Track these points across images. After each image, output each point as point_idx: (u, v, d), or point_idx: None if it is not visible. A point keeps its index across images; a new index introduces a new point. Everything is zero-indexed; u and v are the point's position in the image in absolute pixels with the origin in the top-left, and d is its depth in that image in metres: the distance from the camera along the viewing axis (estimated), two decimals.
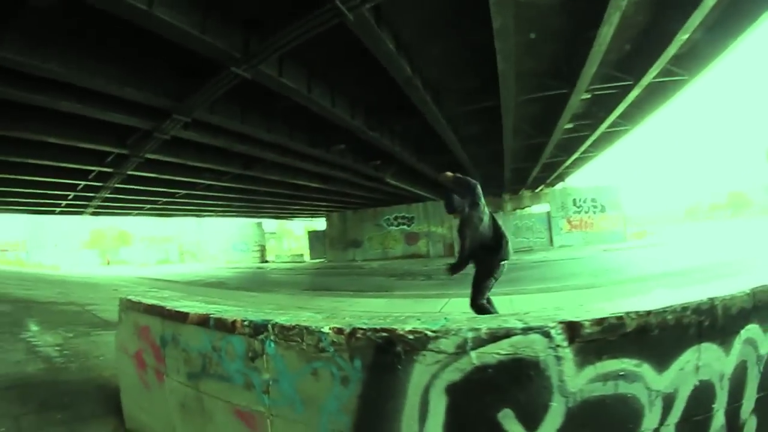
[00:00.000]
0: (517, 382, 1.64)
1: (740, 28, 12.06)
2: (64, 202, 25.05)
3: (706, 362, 1.72)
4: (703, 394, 1.72)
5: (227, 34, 8.53)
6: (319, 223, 48.01)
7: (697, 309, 1.71)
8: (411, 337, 1.78)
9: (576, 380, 1.62)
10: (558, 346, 1.62)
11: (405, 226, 39.52)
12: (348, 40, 8.71)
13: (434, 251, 37.93)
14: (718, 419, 1.74)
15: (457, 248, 21.59)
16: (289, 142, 15.48)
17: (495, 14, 8.47)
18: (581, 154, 26.06)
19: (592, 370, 1.63)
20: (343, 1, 7.15)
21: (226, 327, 2.34)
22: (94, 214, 31.66)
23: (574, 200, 35.68)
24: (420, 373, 1.73)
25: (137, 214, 34.59)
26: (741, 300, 1.72)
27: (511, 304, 9.16)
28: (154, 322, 2.88)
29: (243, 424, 2.23)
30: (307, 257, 49.07)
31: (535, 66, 13.11)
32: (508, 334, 1.66)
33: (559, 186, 37.09)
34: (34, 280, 18.10)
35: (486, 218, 5.61)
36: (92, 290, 14.28)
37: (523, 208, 37.69)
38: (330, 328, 2.02)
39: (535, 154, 23.53)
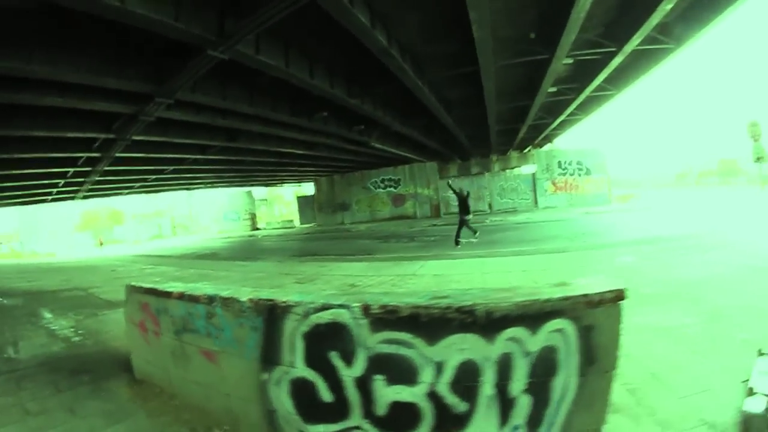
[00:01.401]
0: (337, 335, 2.58)
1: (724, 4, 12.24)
2: (56, 190, 25.49)
3: (469, 347, 2.33)
4: (469, 368, 2.34)
5: (202, 18, 8.59)
6: (309, 188, 47.99)
7: (459, 308, 2.31)
8: (283, 304, 2.83)
9: (370, 340, 2.48)
10: (357, 317, 2.51)
11: (392, 188, 39.77)
12: (323, 13, 8.74)
13: (421, 212, 38.30)
14: (487, 389, 2.34)
15: (443, 209, 29.56)
16: (271, 114, 15.64)
17: None
18: (567, 116, 26.14)
19: (381, 335, 2.46)
20: None
21: (194, 299, 3.50)
22: (86, 197, 32.07)
23: (560, 162, 35.89)
24: (289, 325, 2.78)
25: (128, 193, 34.76)
26: (505, 308, 2.27)
27: (482, 266, 9.69)
28: (151, 299, 4.06)
29: (206, 360, 3.39)
30: (297, 222, 49.28)
31: (514, 32, 13.13)
32: (330, 307, 2.63)
33: (546, 148, 37.23)
34: (34, 270, 18.25)
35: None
36: (92, 273, 14.44)
37: (512, 168, 37.77)
38: (247, 299, 3.06)
39: (520, 117, 23.66)
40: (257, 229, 48.95)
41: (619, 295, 2.37)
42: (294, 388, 2.79)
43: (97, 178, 23.06)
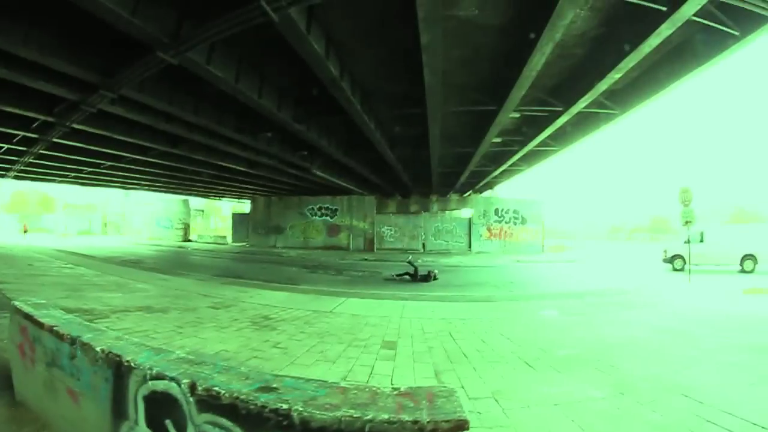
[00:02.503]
0: (171, 405, 2.42)
1: (672, 77, 12.92)
2: None
3: None
4: None
5: (160, 17, 8.36)
6: (247, 205, 47.02)
7: (276, 410, 2.04)
8: (127, 363, 2.71)
9: (197, 418, 2.32)
10: (185, 394, 2.36)
11: (328, 217, 39.49)
12: (279, 35, 8.69)
13: (354, 245, 38.18)
14: None
15: (377, 244, 28.80)
16: (215, 126, 15.38)
17: (423, 30, 8.64)
18: (509, 166, 26.97)
19: (206, 416, 2.29)
20: (268, 2, 7.10)
21: (60, 336, 3.38)
22: (16, 177, 30.64)
23: (497, 209, 36.97)
24: (132, 385, 2.67)
25: (61, 181, 33.19)
26: (322, 420, 1.96)
27: (402, 310, 9.57)
28: (29, 324, 3.89)
29: (71, 398, 3.27)
30: (229, 239, 48.01)
31: (466, 81, 13.47)
32: (163, 377, 2.49)
33: (486, 194, 38.20)
34: None
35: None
36: (7, 265, 13.56)
37: (451, 210, 38.43)
38: (100, 349, 2.94)
39: (463, 162, 24.15)
40: (188, 240, 47.34)
41: (460, 425, 1.93)
42: None
43: (31, 160, 22.24)
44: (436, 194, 36.38)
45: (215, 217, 61.42)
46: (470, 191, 36.63)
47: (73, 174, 28.29)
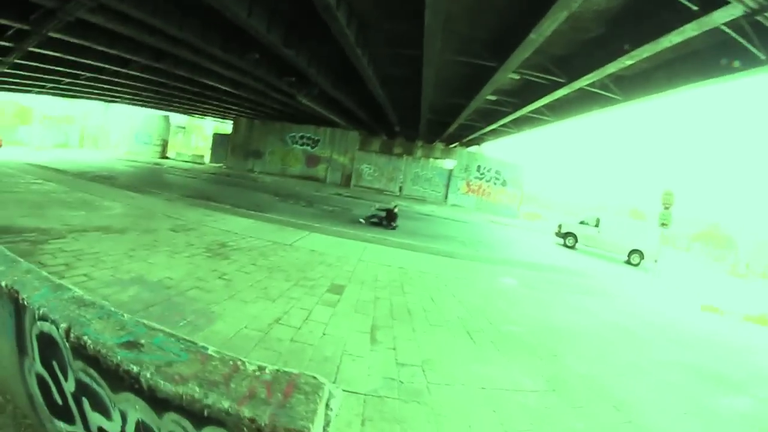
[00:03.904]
0: (54, 347, 2.28)
1: (683, 81, 12.48)
2: None
3: (141, 410, 1.95)
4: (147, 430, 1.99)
5: None
6: (229, 126, 45.44)
7: (128, 371, 1.89)
8: (23, 302, 2.49)
9: (74, 364, 2.20)
10: (62, 338, 2.22)
11: (308, 147, 38.72)
12: None
13: (332, 178, 37.72)
14: None
15: (354, 180, 30.15)
16: (201, 43, 14.49)
17: None
18: (499, 126, 26.44)
19: (78, 364, 2.17)
20: None
21: None
22: None
23: (479, 167, 36.64)
24: (27, 323, 2.48)
25: (38, 92, 31.42)
26: (166, 391, 1.81)
27: (362, 252, 9.56)
28: None
29: None
30: (208, 159, 46.88)
31: (469, 31, 12.78)
32: (46, 318, 2.32)
33: (472, 149, 37.72)
34: None
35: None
36: None
37: (435, 159, 37.99)
38: (4, 284, 2.64)
39: (453, 113, 23.56)
40: (166, 157, 46.08)
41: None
42: (38, 382, 2.60)
43: (6, 70, 20.95)
44: (422, 140, 35.84)
45: (197, 136, 59.89)
46: (456, 143, 36.16)
47: (50, 85, 27.06)
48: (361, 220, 15.77)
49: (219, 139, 45.71)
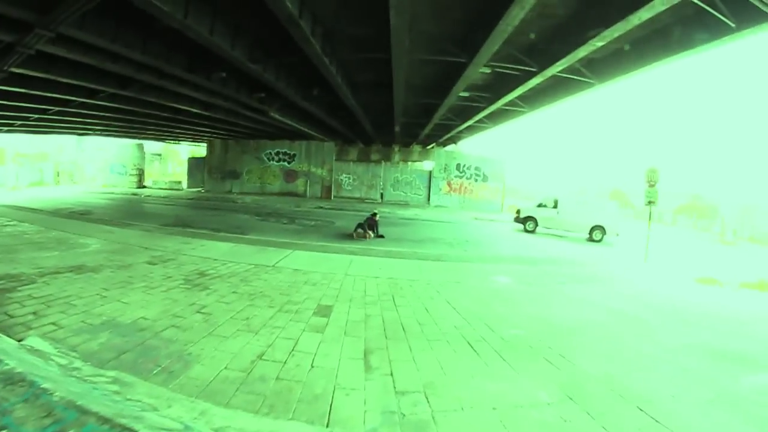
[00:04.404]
0: None
1: (654, 57, 12.47)
2: None
3: None
4: None
5: None
6: (204, 149, 44.97)
7: None
8: None
9: None
10: None
11: (285, 163, 38.19)
12: None
13: (311, 192, 37.26)
14: None
15: (334, 191, 29.77)
16: (165, 65, 14.11)
17: None
18: (475, 122, 26.36)
19: None
20: None
21: None
22: None
23: (459, 165, 36.38)
24: None
25: (8, 131, 31.13)
26: None
27: (349, 265, 9.20)
28: None
29: None
30: (185, 184, 46.23)
31: (436, 29, 12.57)
32: None
33: (449, 148, 37.58)
34: None
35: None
36: None
37: (413, 162, 37.76)
38: None
39: (427, 113, 23.40)
40: (143, 186, 45.35)
41: None
42: None
43: None
44: (398, 144, 35.64)
45: (173, 162, 59.11)
46: (433, 144, 36.01)
47: (19, 122, 26.54)
48: (353, 233, 15.20)
49: (195, 163, 44.79)
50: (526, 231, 21.20)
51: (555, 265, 10.99)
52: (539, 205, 21.91)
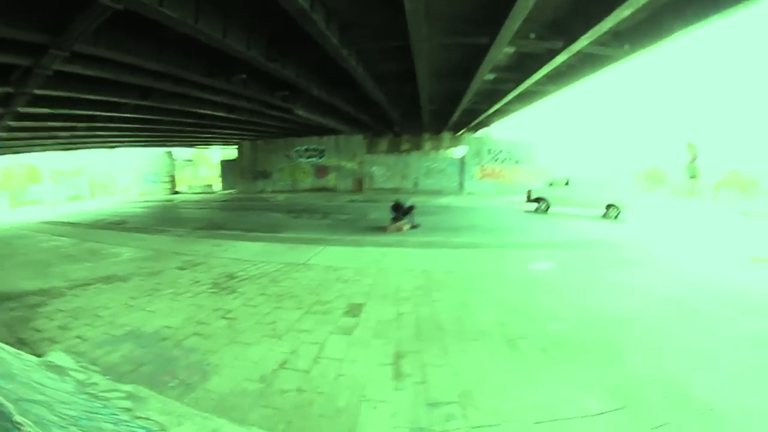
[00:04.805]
0: None
1: (684, 23, 11.77)
2: None
3: None
4: None
5: None
6: (235, 151, 45.62)
7: None
8: None
9: None
10: None
11: (315, 159, 38.20)
12: None
13: (343, 186, 37.18)
14: None
15: (366, 184, 30.18)
16: (183, 72, 14.14)
17: None
18: (503, 105, 25.70)
19: None
20: None
21: None
22: None
23: (490, 150, 35.63)
24: None
25: (42, 150, 32.35)
26: None
27: (382, 259, 8.92)
28: None
29: None
30: (218, 187, 46.95)
31: (452, 11, 12.13)
32: None
33: (479, 133, 36.90)
34: None
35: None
36: None
37: (444, 149, 37.19)
38: None
39: (454, 100, 22.90)
40: (177, 192, 46.39)
41: None
42: None
43: (3, 134, 21.39)
44: (428, 133, 35.12)
45: (204, 166, 60.01)
46: (463, 130, 35.35)
47: (51, 141, 27.35)
48: (388, 226, 14.64)
49: (226, 166, 45.59)
50: (538, 212, 20.64)
51: (593, 249, 10.25)
52: (550, 185, 21.31)
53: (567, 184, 20.62)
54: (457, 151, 37.02)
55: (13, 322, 5.49)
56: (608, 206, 19.18)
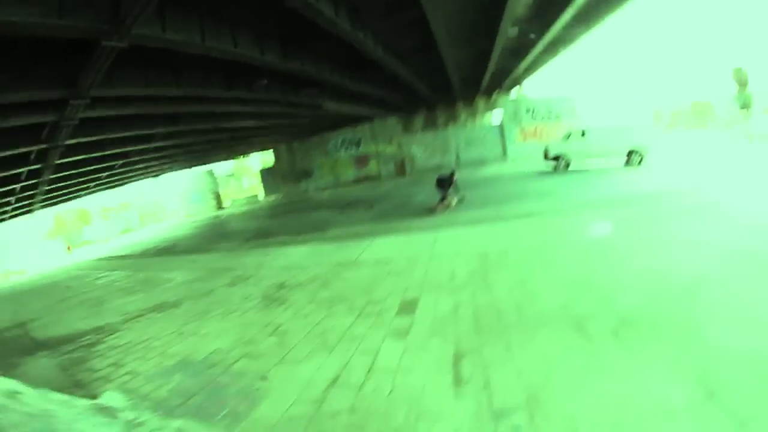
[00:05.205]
0: None
1: None
2: (9, 208, 25.28)
3: None
4: None
5: (92, 6, 7.47)
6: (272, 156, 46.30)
7: None
8: None
9: None
10: None
11: (353, 149, 37.85)
12: None
13: (385, 171, 36.64)
14: None
15: (408, 166, 30.37)
16: (204, 91, 14.31)
17: None
18: (533, 59, 24.65)
19: None
20: None
21: None
22: (45, 206, 31.68)
23: (527, 109, 34.23)
24: None
25: (87, 193, 33.47)
26: None
27: (433, 244, 8.61)
28: None
29: None
30: (262, 196, 47.56)
31: None
32: None
33: (514, 94, 35.64)
34: None
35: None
36: (44, 296, 13.12)
37: (481, 115, 36.12)
38: None
39: (481, 62, 22.14)
40: (222, 208, 47.58)
41: None
42: None
43: (48, 187, 22.69)
44: (461, 102, 34.14)
45: (247, 177, 61.08)
46: (496, 91, 34.24)
47: (93, 183, 28.33)
48: (435, 206, 14.14)
49: (267, 173, 46.06)
50: (558, 170, 19.79)
51: (644, 203, 9.39)
52: (567, 138, 20.32)
53: (583, 135, 19.70)
54: (495, 117, 35.92)
55: (69, 364, 5.61)
56: (630, 152, 18.25)
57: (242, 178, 59.02)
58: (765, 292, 4.00)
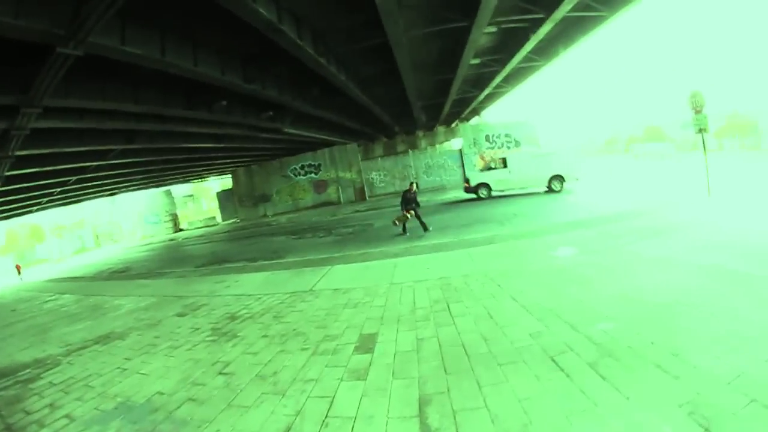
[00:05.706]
0: None
1: None
2: None
3: None
4: None
5: (54, 8, 7.17)
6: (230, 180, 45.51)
7: None
8: None
9: None
10: None
11: (312, 174, 37.68)
12: None
13: (345, 197, 36.59)
14: None
15: (368, 192, 29.19)
16: (164, 109, 13.95)
17: None
18: (494, 89, 25.29)
19: None
20: None
21: None
22: None
23: (487, 136, 34.56)
24: None
25: (39, 209, 32.40)
26: None
27: (393, 271, 8.38)
28: None
29: None
30: (219, 219, 46.71)
31: None
32: None
33: (473, 121, 36.32)
34: None
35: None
36: None
37: (440, 143, 36.57)
38: None
39: (443, 91, 22.49)
40: (180, 230, 46.33)
41: None
42: None
43: None
44: (422, 129, 34.67)
45: (206, 199, 59.98)
46: (456, 121, 34.79)
47: (45, 199, 27.42)
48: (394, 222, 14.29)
49: (224, 196, 45.35)
50: (480, 198, 20.51)
51: (613, 223, 9.53)
52: (488, 169, 21.30)
53: (505, 165, 20.49)
54: (454, 144, 36.39)
55: (3, 404, 5.14)
56: (552, 179, 19.11)
57: (201, 199, 57.86)
58: (738, 308, 3.95)
